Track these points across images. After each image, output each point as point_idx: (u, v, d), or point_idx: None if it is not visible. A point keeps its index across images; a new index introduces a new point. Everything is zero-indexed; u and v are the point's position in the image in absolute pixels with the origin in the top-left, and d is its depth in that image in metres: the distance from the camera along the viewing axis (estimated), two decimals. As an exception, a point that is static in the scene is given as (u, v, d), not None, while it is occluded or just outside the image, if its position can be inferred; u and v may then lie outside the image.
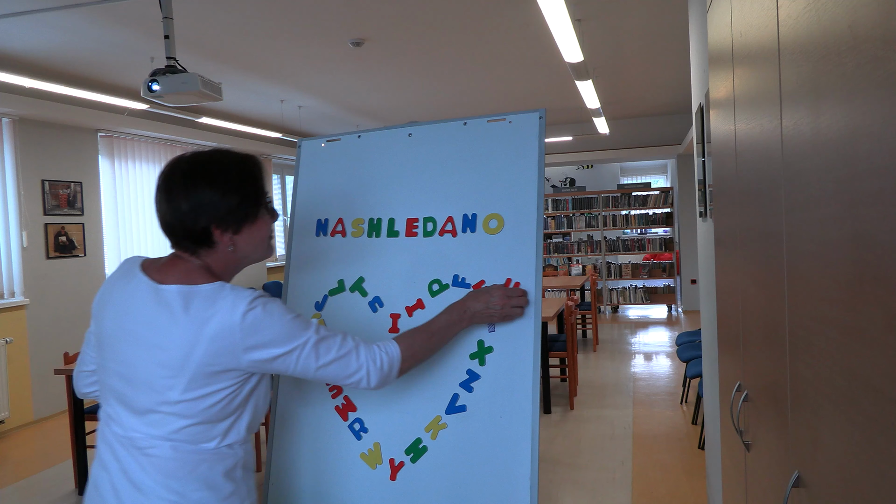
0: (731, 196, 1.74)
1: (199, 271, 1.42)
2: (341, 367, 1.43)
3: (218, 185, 1.40)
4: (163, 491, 1.35)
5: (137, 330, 1.38)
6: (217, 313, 1.33)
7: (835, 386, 0.89)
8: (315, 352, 1.40)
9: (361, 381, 1.45)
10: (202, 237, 1.41)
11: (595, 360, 7.79)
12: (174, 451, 1.36)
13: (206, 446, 1.38)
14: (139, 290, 1.41)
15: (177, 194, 1.40)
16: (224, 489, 1.39)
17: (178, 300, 1.36)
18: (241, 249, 1.46)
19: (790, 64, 1.04)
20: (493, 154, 1.86)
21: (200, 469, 1.37)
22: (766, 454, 1.36)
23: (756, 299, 1.42)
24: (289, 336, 1.37)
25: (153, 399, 1.36)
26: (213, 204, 1.39)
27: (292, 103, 8.13)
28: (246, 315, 1.33)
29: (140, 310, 1.39)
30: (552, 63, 6.70)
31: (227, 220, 1.41)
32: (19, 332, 6.15)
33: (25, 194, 6.25)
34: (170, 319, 1.35)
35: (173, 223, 1.41)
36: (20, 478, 4.81)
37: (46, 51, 5.44)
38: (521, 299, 1.68)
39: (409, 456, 1.79)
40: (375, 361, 1.46)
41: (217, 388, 1.36)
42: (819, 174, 0.91)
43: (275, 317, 1.36)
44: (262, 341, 1.35)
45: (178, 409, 1.35)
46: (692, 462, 4.49)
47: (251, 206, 1.45)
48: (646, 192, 11.49)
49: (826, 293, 0.91)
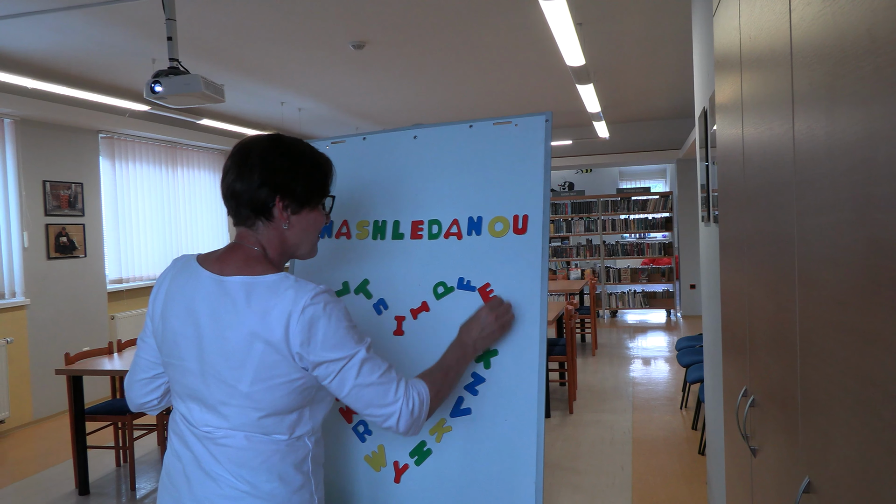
0: (738, 200, 1.74)
1: (258, 260, 1.43)
2: (378, 394, 1.37)
3: (297, 162, 1.45)
4: (234, 480, 1.37)
5: (204, 323, 1.39)
6: (278, 304, 1.33)
7: (848, 390, 0.88)
8: (358, 368, 1.36)
9: (391, 418, 1.38)
10: (264, 207, 1.43)
11: (594, 364, 7.78)
12: (248, 440, 1.37)
13: (279, 437, 1.38)
14: (202, 283, 1.42)
15: (253, 164, 1.42)
16: (294, 482, 1.40)
17: (241, 291, 1.37)
18: (294, 232, 1.47)
19: (803, 67, 1.04)
20: (499, 157, 1.85)
21: (273, 460, 1.38)
22: (774, 459, 1.36)
23: (764, 304, 1.42)
24: (339, 344, 1.35)
25: (225, 391, 1.37)
26: (287, 175, 1.43)
27: (293, 106, 8.14)
28: (303, 314, 1.33)
29: (205, 303, 1.40)
30: (553, 67, 6.71)
31: (292, 196, 1.44)
32: (20, 332, 6.14)
33: (27, 195, 6.24)
34: (233, 311, 1.36)
35: (240, 191, 1.42)
36: (20, 477, 4.79)
37: (48, 52, 5.44)
38: (504, 306, 1.68)
39: (413, 459, 1.78)
40: (409, 402, 1.39)
41: (282, 379, 1.35)
42: (833, 178, 0.91)
43: (332, 319, 1.35)
44: (312, 339, 1.34)
45: (249, 401, 1.36)
46: (692, 467, 4.49)
47: (317, 194, 1.48)
48: (645, 196, 11.50)
49: (840, 297, 0.91)
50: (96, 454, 5.16)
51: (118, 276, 7.49)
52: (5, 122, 6.03)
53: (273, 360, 1.34)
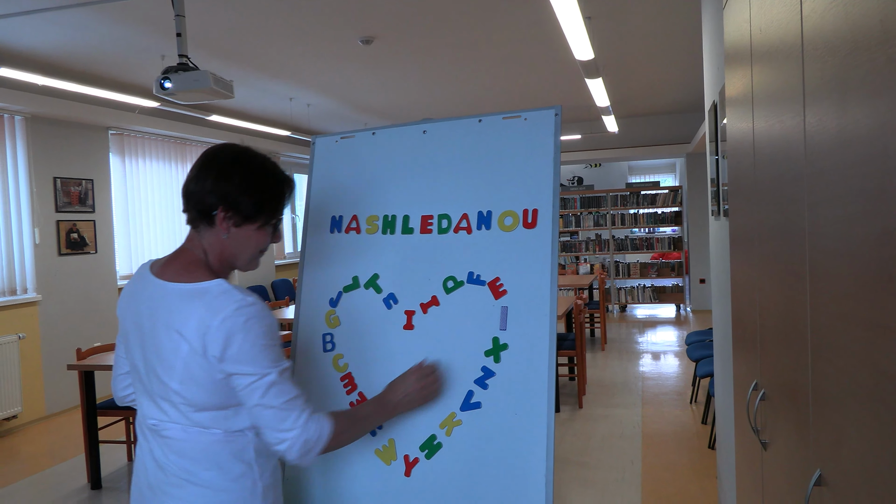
0: (749, 194, 1.73)
1: (198, 265, 1.50)
2: (277, 419, 1.40)
3: (250, 178, 1.50)
4: (177, 470, 1.45)
5: (145, 324, 1.48)
6: (201, 312, 1.40)
7: (860, 383, 0.88)
8: (265, 390, 1.39)
9: (283, 443, 1.41)
10: (208, 212, 1.49)
11: (603, 359, 7.78)
12: (185, 433, 1.45)
13: (215, 431, 1.45)
14: (147, 288, 1.51)
15: (210, 169, 1.49)
16: (234, 470, 1.45)
17: (175, 296, 1.45)
18: (233, 243, 1.52)
19: (814, 60, 1.04)
20: (509, 151, 1.85)
21: (211, 450, 1.44)
22: (784, 453, 1.35)
23: (775, 297, 1.41)
24: (251, 360, 1.39)
25: (161, 388, 1.45)
26: (237, 188, 1.48)
27: (301, 101, 8.15)
28: (222, 323, 1.38)
29: (146, 305, 1.49)
30: (562, 61, 6.69)
31: (236, 209, 1.49)
32: (32, 327, 6.19)
33: (38, 191, 6.28)
34: (166, 314, 1.44)
35: (192, 191, 1.50)
36: (33, 472, 4.84)
37: (58, 49, 5.47)
38: (434, 376, 1.72)
39: (423, 452, 1.79)
40: (305, 433, 1.41)
41: (207, 379, 1.41)
42: (845, 170, 0.90)
43: (249, 335, 1.39)
44: (227, 350, 1.38)
45: (180, 397, 1.43)
46: (702, 461, 4.48)
47: (262, 212, 1.52)
48: (654, 190, 11.46)
49: (851, 290, 0.90)
50: (108, 449, 5.20)
51: (129, 271, 7.53)
52: (16, 119, 6.07)
53: (196, 363, 1.40)
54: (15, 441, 5.68)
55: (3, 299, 5.91)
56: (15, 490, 4.51)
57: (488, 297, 1.79)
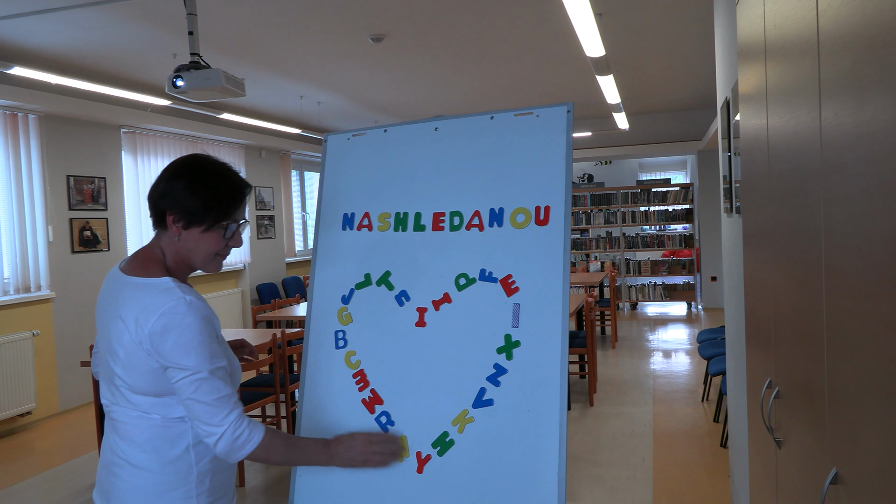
0: (762, 191, 1.72)
1: (154, 263, 1.59)
2: (207, 413, 1.48)
3: (192, 184, 1.57)
4: (119, 451, 1.55)
5: (105, 313, 1.59)
6: (143, 304, 1.49)
7: (877, 380, 0.87)
8: (195, 385, 1.48)
9: (211, 437, 1.49)
10: (160, 217, 1.59)
11: (614, 356, 7.76)
12: (126, 416, 1.54)
13: (153, 416, 1.53)
14: (113, 279, 1.61)
15: (166, 177, 1.59)
16: (169, 454, 1.54)
17: (128, 288, 1.55)
18: (184, 245, 1.61)
19: (830, 55, 1.03)
20: (521, 148, 1.85)
21: (147, 434, 1.53)
22: (799, 451, 1.35)
23: (789, 295, 1.41)
24: (184, 355, 1.47)
25: (109, 371, 1.56)
26: (178, 195, 1.56)
27: (312, 99, 8.16)
28: (162, 316, 1.47)
29: (109, 294, 1.60)
30: (573, 58, 6.67)
31: (181, 213, 1.56)
32: (46, 324, 6.23)
33: (51, 189, 6.32)
34: (119, 304, 1.53)
35: (151, 197, 1.61)
36: (47, 468, 4.88)
37: (71, 48, 5.50)
38: (384, 446, 1.74)
39: (435, 449, 1.79)
40: (234, 432, 1.49)
41: (144, 367, 1.49)
42: (862, 166, 0.90)
43: (185, 332, 1.47)
44: (161, 344, 1.47)
45: (122, 382, 1.52)
46: (714, 460, 4.47)
47: (207, 216, 1.58)
48: (665, 188, 11.41)
49: (868, 287, 0.90)
50: (121, 445, 5.23)
51: (141, 269, 7.57)
52: (30, 117, 6.11)
53: (134, 351, 1.49)
54: (29, 437, 5.73)
55: (18, 296, 5.96)
56: (30, 485, 4.55)
57: (500, 295, 1.79)
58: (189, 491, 1.55)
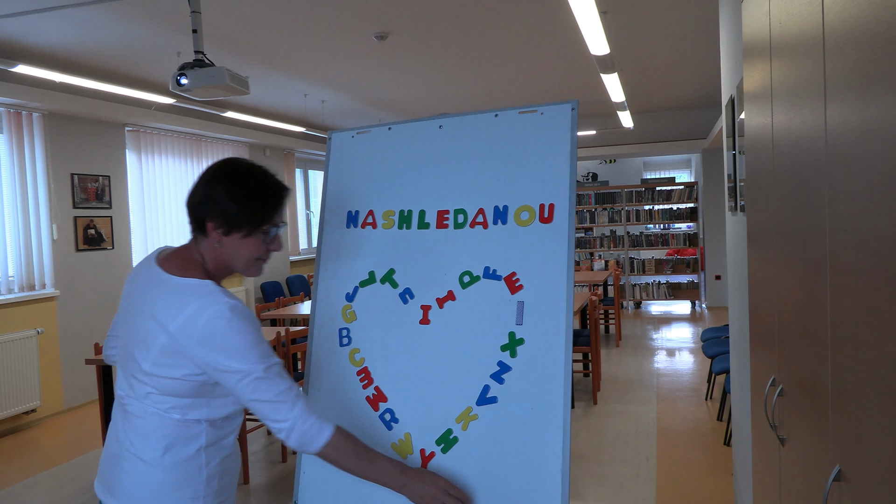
0: (767, 190, 1.72)
1: (195, 265, 1.58)
2: (270, 410, 1.48)
3: (232, 189, 1.55)
4: (129, 445, 1.54)
5: (136, 305, 1.57)
6: (186, 308, 1.47)
7: (881, 377, 0.87)
8: (253, 386, 1.47)
9: (282, 432, 1.49)
10: (200, 224, 1.58)
11: (618, 355, 7.75)
12: (144, 412, 1.53)
13: (173, 416, 1.52)
14: (148, 272, 1.59)
15: (204, 182, 1.58)
16: (181, 454, 1.53)
17: (167, 287, 1.53)
18: (225, 251, 1.59)
19: (836, 52, 1.03)
20: (525, 146, 1.85)
21: (162, 432, 1.52)
22: (802, 449, 1.35)
23: (794, 292, 1.40)
24: (238, 358, 1.46)
25: (134, 366, 1.54)
26: (218, 201, 1.55)
27: (315, 98, 8.17)
28: (209, 321, 1.46)
29: (142, 289, 1.58)
30: (577, 56, 6.66)
31: (221, 219, 1.56)
32: (50, 322, 6.25)
33: (55, 187, 6.34)
34: (155, 301, 1.52)
35: (189, 203, 1.59)
36: (52, 465, 4.89)
37: (75, 46, 5.51)
38: (453, 500, 1.62)
39: (439, 446, 1.79)
40: (303, 425, 1.49)
41: (178, 370, 1.49)
42: (867, 163, 0.90)
43: (234, 334, 1.46)
44: (212, 349, 1.46)
45: (148, 378, 1.51)
46: (718, 458, 4.46)
47: (248, 222, 1.57)
48: (670, 186, 11.40)
49: (873, 285, 0.90)
50: (126, 442, 5.24)
51: (145, 267, 7.59)
52: (34, 115, 6.12)
53: (172, 352, 1.48)
54: (34, 435, 5.75)
55: (22, 294, 5.98)
56: (35, 482, 4.57)
57: (504, 292, 1.79)
58: (197, 491, 1.55)
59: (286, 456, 4.73)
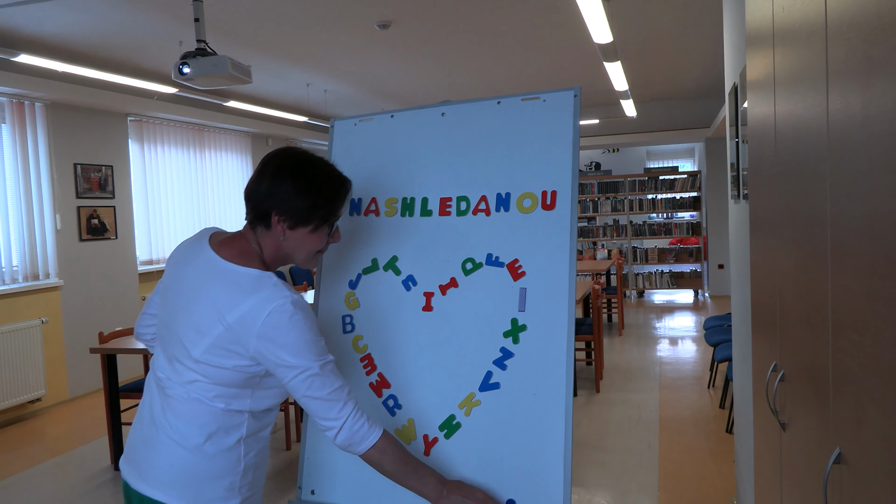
0: (769, 177, 1.72)
1: (252, 255, 1.55)
2: (322, 408, 1.49)
3: (299, 184, 1.54)
4: (170, 430, 1.51)
5: (186, 289, 1.55)
6: (248, 300, 1.45)
7: (881, 360, 0.88)
8: (308, 382, 1.47)
9: (331, 430, 1.49)
10: (264, 216, 1.56)
11: (621, 344, 7.77)
12: (187, 397, 1.51)
13: (217, 405, 1.51)
14: (200, 255, 1.57)
15: (266, 174, 1.55)
16: (222, 443, 1.52)
17: (225, 276, 1.50)
18: (289, 244, 1.58)
19: (838, 37, 1.03)
20: (527, 133, 1.85)
21: (205, 419, 1.51)
22: (803, 432, 1.36)
23: (795, 278, 1.41)
24: (296, 354, 1.45)
25: (181, 350, 1.52)
26: (285, 195, 1.53)
27: (318, 87, 8.16)
28: (271, 314, 1.45)
29: (195, 273, 1.55)
30: (580, 45, 6.64)
31: (287, 214, 1.54)
32: (54, 312, 6.28)
33: (58, 177, 6.35)
34: (212, 289, 1.49)
35: (251, 194, 1.57)
36: (58, 453, 4.93)
37: (77, 35, 5.51)
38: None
39: (442, 432, 1.81)
40: (353, 425, 1.49)
41: (230, 361, 1.47)
42: (869, 146, 0.90)
43: (294, 330, 1.45)
44: (272, 343, 1.45)
45: (196, 366, 1.50)
46: (720, 445, 4.48)
47: (315, 215, 1.57)
48: (673, 175, 11.38)
49: (874, 268, 0.90)
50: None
51: (148, 257, 7.61)
52: (36, 105, 6.13)
53: (227, 343, 1.46)
54: (39, 423, 5.79)
55: (26, 284, 6.00)
56: (40, 471, 4.60)
57: (507, 279, 1.80)
58: (234, 482, 1.54)
59: (290, 444, 4.75)
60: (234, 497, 1.54)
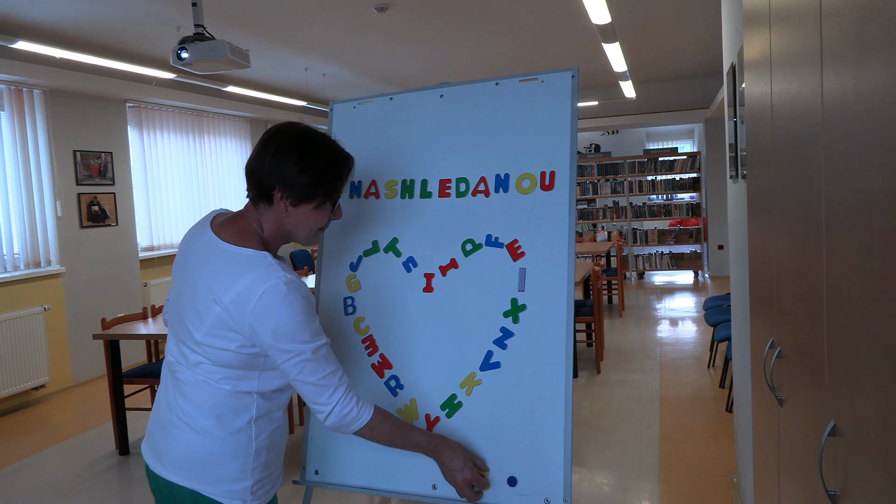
0: (766, 156, 1.73)
1: (252, 234, 1.54)
2: (313, 393, 1.50)
3: (303, 160, 1.53)
4: (181, 413, 1.53)
5: (188, 272, 1.55)
6: (242, 280, 1.44)
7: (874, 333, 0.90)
8: (300, 367, 1.47)
9: (321, 413, 1.51)
10: (266, 192, 1.54)
11: (621, 325, 7.80)
12: (194, 380, 1.52)
13: (222, 386, 1.52)
14: (202, 237, 1.57)
15: (269, 150, 1.53)
16: (232, 425, 1.52)
17: (222, 257, 1.49)
18: (291, 221, 1.57)
19: (832, 14, 1.04)
20: (526, 114, 1.86)
21: (213, 401, 1.51)
22: (800, 407, 1.38)
23: (791, 255, 1.43)
24: (288, 336, 1.45)
25: (186, 334, 1.53)
26: (288, 172, 1.52)
27: (317, 71, 8.13)
28: (264, 294, 1.43)
29: (197, 256, 1.54)
30: (578, 26, 6.61)
31: (291, 190, 1.53)
32: (56, 299, 6.30)
33: (58, 165, 6.35)
34: (210, 270, 1.49)
35: (253, 171, 1.55)
36: (62, 439, 4.97)
37: (74, 21, 5.49)
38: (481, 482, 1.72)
39: (444, 411, 1.83)
40: (342, 410, 1.51)
41: (230, 342, 1.47)
42: (861, 123, 0.91)
43: (288, 311, 1.44)
44: (262, 328, 1.44)
45: (200, 348, 1.50)
46: (720, 424, 4.52)
47: (318, 192, 1.55)
48: (672, 157, 11.36)
49: (867, 243, 0.92)
50: (135, 416, 5.33)
51: (149, 243, 7.62)
52: (35, 92, 6.12)
53: (225, 325, 1.46)
54: (43, 410, 5.83)
55: (28, 271, 6.02)
56: (45, 456, 4.65)
57: (506, 259, 1.81)
58: (246, 464, 1.54)
59: (293, 427, 4.79)
60: (247, 478, 1.54)
